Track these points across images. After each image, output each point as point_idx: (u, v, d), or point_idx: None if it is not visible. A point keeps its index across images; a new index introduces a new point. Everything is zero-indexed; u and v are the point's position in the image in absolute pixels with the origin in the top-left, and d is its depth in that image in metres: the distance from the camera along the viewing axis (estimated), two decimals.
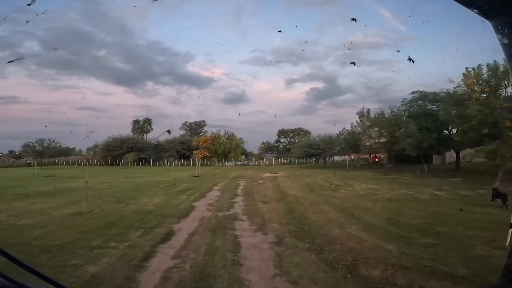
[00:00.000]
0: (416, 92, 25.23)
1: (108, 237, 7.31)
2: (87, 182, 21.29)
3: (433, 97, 24.27)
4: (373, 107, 37.35)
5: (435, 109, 24.76)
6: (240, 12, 54.97)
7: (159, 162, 52.07)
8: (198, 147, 55.11)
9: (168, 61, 65.78)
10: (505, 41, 1.06)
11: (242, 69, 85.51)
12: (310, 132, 59.05)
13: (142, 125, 70.39)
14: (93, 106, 76.57)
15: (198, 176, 26.96)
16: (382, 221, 8.72)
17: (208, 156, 53.78)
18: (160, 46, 64.77)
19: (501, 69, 16.89)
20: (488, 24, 1.11)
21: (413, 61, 10.37)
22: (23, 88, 64.26)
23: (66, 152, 65.66)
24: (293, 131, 66.42)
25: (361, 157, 43.48)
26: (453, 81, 20.49)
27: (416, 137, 20.39)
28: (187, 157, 53.73)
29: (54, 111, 61.95)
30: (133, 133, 66.00)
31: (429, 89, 25.74)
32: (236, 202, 12.30)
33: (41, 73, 64.42)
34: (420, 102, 25.80)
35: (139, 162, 52.13)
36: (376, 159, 41.25)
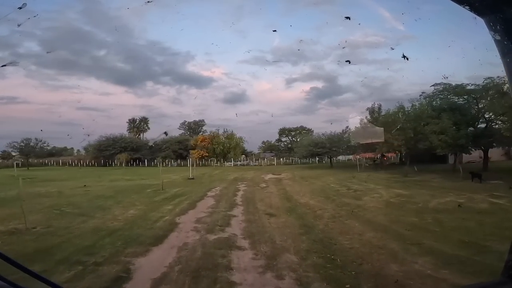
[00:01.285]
0: (439, 84, 22.29)
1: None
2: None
3: (460, 89, 21.32)
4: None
5: (461, 102, 21.92)
6: (240, 12, 52.82)
7: (154, 163, 49.09)
8: (196, 146, 52.55)
9: (168, 61, 63.82)
10: (498, 37, 1.05)
11: (242, 69, 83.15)
12: (313, 131, 56.44)
13: (138, 124, 67.75)
14: (93, 106, 76.22)
15: (193, 178, 24.00)
16: (460, 247, 5.76)
17: (206, 156, 51.00)
18: (160, 46, 62.62)
19: None
20: (480, 21, 1.12)
21: (407, 58, 9.85)
22: (23, 88, 62.55)
23: (59, 152, 62.94)
24: (295, 129, 63.67)
25: (367, 156, 40.65)
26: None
27: (449, 133, 17.39)
28: (184, 157, 50.95)
29: (54, 111, 59.94)
30: (129, 132, 63.37)
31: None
32: (234, 216, 9.29)
33: (41, 73, 63.01)
34: (441, 95, 22.94)
35: (133, 163, 49.13)
36: (385, 158, 38.29)
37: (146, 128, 67.69)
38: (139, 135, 66.26)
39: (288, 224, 8.50)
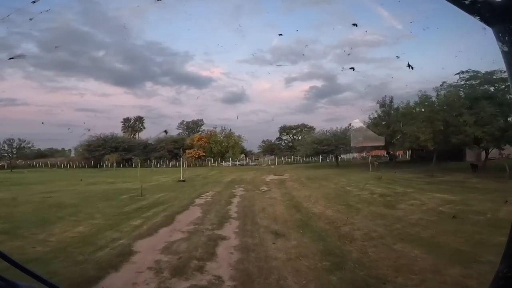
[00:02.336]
0: (467, 71, 19.40)
1: None
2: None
3: (491, 77, 18.41)
4: (372, 104, 33.38)
5: (492, 90, 19.03)
6: (239, 11, 50.60)
7: (147, 163, 46.15)
8: (193, 146, 49.55)
9: (167, 61, 62.24)
10: (505, 48, 0.99)
11: (241, 69, 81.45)
12: (314, 129, 53.58)
13: (133, 124, 64.95)
14: (92, 108, 74.42)
15: (184, 180, 21.04)
16: None
17: (202, 155, 47.96)
18: (159, 46, 60.93)
19: None
20: (489, 31, 1.06)
21: (412, 68, 9.57)
22: (22, 90, 61.56)
23: (52, 153, 59.99)
24: (296, 127, 60.76)
25: (373, 154, 37.82)
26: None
27: (495, 124, 14.46)
28: (180, 157, 48.10)
29: (53, 112, 58.50)
30: (124, 132, 60.58)
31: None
32: (223, 239, 6.24)
33: (40, 74, 62.47)
34: (467, 84, 20.06)
35: (125, 164, 46.14)
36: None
37: (142, 127, 65.15)
38: (134, 134, 63.55)
39: (304, 250, 5.56)
